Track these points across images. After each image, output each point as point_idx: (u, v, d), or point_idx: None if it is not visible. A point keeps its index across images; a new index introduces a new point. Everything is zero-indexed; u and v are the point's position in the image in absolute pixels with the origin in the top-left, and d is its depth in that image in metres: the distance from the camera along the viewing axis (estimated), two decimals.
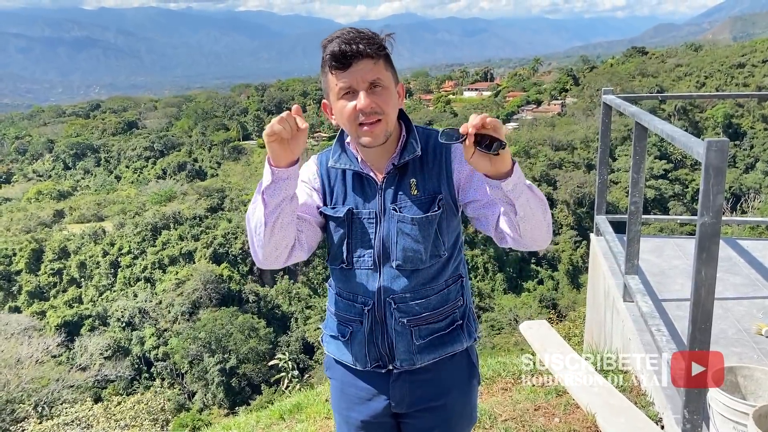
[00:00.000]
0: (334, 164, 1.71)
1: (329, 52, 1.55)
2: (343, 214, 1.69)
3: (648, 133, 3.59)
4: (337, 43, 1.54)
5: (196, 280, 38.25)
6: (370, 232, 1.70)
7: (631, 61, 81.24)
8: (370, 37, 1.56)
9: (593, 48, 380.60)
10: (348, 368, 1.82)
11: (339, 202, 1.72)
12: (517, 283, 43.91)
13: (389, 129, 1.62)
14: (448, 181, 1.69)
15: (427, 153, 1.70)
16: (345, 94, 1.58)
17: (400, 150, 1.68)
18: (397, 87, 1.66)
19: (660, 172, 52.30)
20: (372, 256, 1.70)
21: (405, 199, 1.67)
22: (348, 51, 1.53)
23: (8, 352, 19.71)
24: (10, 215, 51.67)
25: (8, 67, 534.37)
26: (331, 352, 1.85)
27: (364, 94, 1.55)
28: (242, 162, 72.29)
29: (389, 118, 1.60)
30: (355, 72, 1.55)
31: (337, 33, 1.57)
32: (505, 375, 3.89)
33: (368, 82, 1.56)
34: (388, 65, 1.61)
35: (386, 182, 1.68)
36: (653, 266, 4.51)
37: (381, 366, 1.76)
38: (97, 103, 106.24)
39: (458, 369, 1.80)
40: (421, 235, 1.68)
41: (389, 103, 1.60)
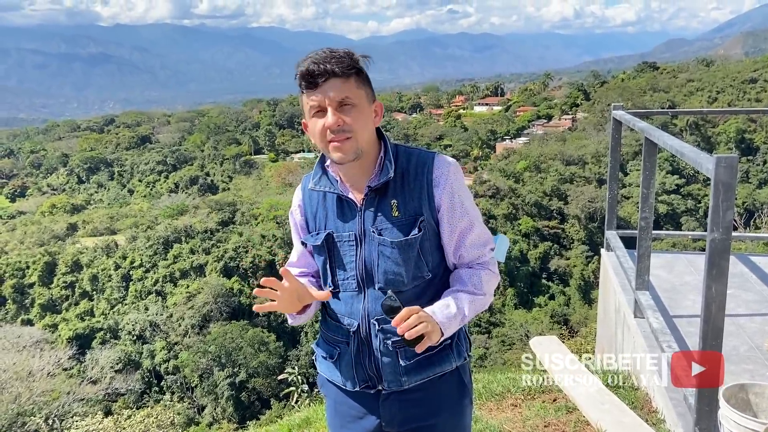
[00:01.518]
0: (313, 187, 1.74)
1: (299, 72, 1.59)
2: (321, 240, 1.73)
3: (659, 148, 3.59)
4: (307, 63, 1.57)
5: (207, 294, 38.32)
6: (350, 255, 1.70)
7: (642, 76, 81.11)
8: (341, 56, 1.58)
9: (604, 63, 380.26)
10: (339, 387, 1.83)
11: (321, 226, 1.75)
12: (527, 298, 43.61)
13: (360, 146, 1.62)
14: (429, 203, 1.68)
15: (409, 173, 1.69)
16: (316, 113, 1.61)
17: (378, 171, 1.69)
18: (373, 105, 1.67)
19: (672, 187, 51.97)
20: (355, 278, 1.71)
21: (385, 221, 1.67)
22: (316, 70, 1.56)
23: (20, 365, 19.78)
24: (24, 228, 52.16)
25: (25, 82, 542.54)
26: (322, 371, 1.87)
27: (331, 111, 1.58)
28: (254, 176, 72.70)
29: (359, 135, 1.61)
30: (323, 91, 1.57)
31: (311, 54, 1.59)
32: (515, 391, 3.86)
33: (336, 100, 1.58)
34: (360, 84, 1.62)
35: (366, 204, 1.68)
36: (664, 282, 4.48)
37: (370, 387, 1.76)
38: (111, 118, 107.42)
39: (448, 389, 1.78)
40: (401, 257, 1.67)
41: (358, 121, 1.60)
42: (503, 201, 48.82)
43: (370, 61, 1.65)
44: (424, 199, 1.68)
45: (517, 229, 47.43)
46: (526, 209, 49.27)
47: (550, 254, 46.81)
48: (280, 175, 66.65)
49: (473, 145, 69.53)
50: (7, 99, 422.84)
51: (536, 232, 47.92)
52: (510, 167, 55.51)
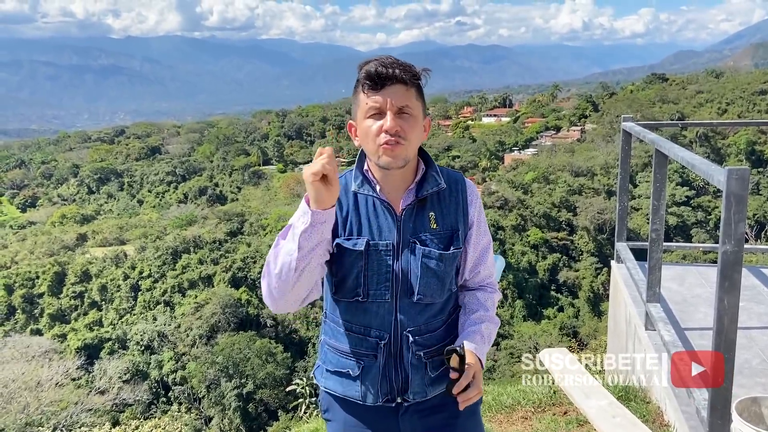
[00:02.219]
0: (357, 190, 1.68)
1: (365, 72, 1.58)
2: (363, 246, 1.65)
3: (669, 159, 3.58)
4: (374, 64, 1.58)
5: (215, 304, 38.37)
6: (387, 265, 1.66)
7: (651, 87, 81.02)
8: (407, 65, 1.60)
9: (613, 75, 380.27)
10: (352, 404, 1.76)
11: (353, 232, 1.67)
12: (536, 310, 43.37)
13: (409, 155, 1.63)
14: (464, 219, 1.73)
15: (444, 188, 1.72)
16: (373, 114, 1.60)
17: (420, 182, 1.69)
18: (424, 120, 1.68)
19: (682, 198, 51.71)
20: (389, 289, 1.67)
21: (425, 232, 1.68)
22: (383, 73, 1.57)
23: (29, 375, 19.83)
24: (34, 238, 52.54)
25: (37, 93, 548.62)
26: (332, 388, 1.78)
27: (391, 116, 1.58)
28: (262, 186, 72.98)
29: (411, 144, 1.62)
30: (386, 94, 1.58)
31: (376, 57, 1.60)
32: (525, 403, 3.84)
33: (397, 106, 1.58)
34: (419, 96, 1.64)
35: (405, 214, 1.67)
36: (675, 294, 4.45)
37: (390, 400, 1.73)
38: (121, 129, 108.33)
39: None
40: (444, 270, 1.69)
41: (413, 131, 1.61)
42: (512, 212, 48.72)
43: (428, 75, 1.66)
44: (461, 215, 1.72)
45: (525, 241, 47.27)
46: (534, 220, 49.12)
47: (558, 266, 46.59)
48: (288, 186, 66.87)
49: (481, 156, 69.53)
50: (19, 110, 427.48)
51: (545, 243, 47.73)
52: (518, 178, 55.44)
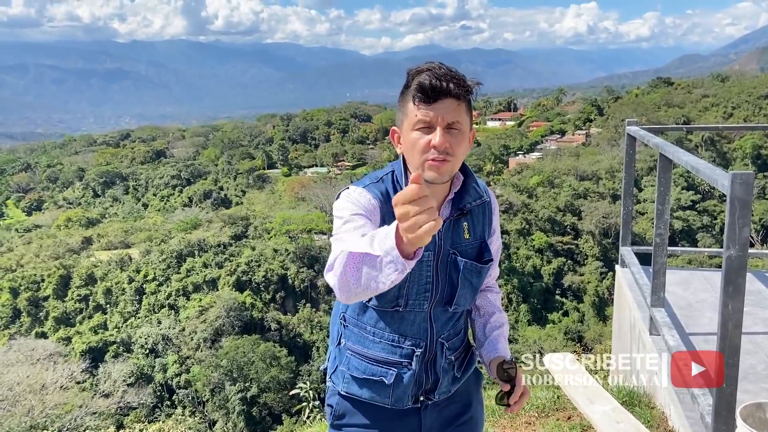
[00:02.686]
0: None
1: (417, 83, 1.54)
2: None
3: (674, 164, 3.57)
4: (427, 75, 1.53)
5: (219, 308, 38.42)
6: (427, 275, 1.66)
7: (656, 91, 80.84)
8: (460, 77, 1.56)
9: (618, 78, 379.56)
10: (377, 408, 1.75)
11: None
12: (541, 314, 43.27)
13: (454, 170, 1.61)
14: (489, 228, 1.77)
15: (488, 201, 1.78)
16: (422, 128, 1.57)
17: (459, 192, 1.69)
18: (470, 133, 1.65)
19: (688, 203, 51.55)
20: (428, 299, 1.68)
21: (461, 242, 1.69)
22: (437, 86, 1.53)
23: (34, 378, 19.89)
24: (39, 242, 52.71)
25: (43, 97, 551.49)
26: (356, 393, 1.75)
27: (441, 132, 1.54)
28: (267, 190, 73.08)
29: (457, 160, 1.60)
30: (438, 108, 1.54)
31: (427, 65, 1.56)
32: (528, 409, 3.83)
33: (447, 122, 1.55)
34: (468, 110, 1.61)
35: (445, 225, 1.67)
36: (680, 299, 4.44)
37: (416, 401, 1.76)
38: (127, 133, 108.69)
39: (471, 381, 1.89)
40: (479, 280, 1.73)
41: (461, 147, 1.59)
42: (516, 216, 48.66)
43: (479, 88, 1.62)
44: (487, 224, 1.76)
45: (530, 245, 47.20)
46: (539, 224, 49.04)
47: (563, 270, 46.49)
48: (292, 190, 66.96)
49: (486, 160, 69.48)
50: (25, 114, 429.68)
51: (550, 247, 47.65)
52: (523, 182, 55.38)
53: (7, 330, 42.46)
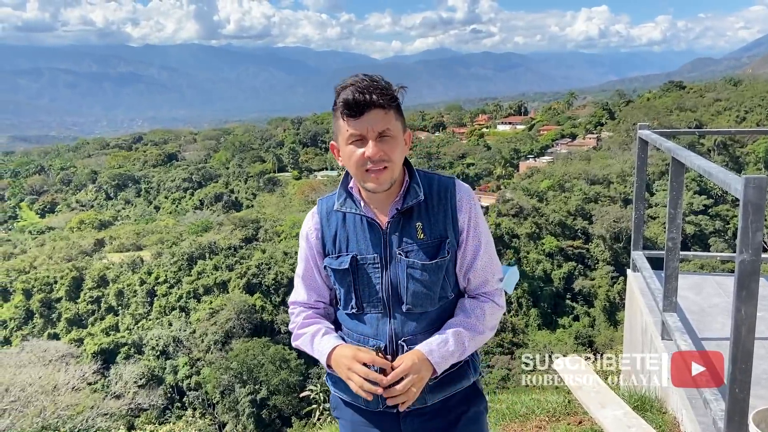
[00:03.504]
0: (340, 208, 1.75)
1: (342, 99, 1.61)
2: (348, 264, 1.72)
3: (686, 168, 3.55)
4: (351, 90, 1.59)
5: (230, 310, 38.54)
6: (376, 278, 1.72)
7: (668, 95, 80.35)
8: (384, 87, 1.61)
9: (629, 82, 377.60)
10: (357, 409, 1.82)
11: (342, 248, 1.75)
12: (551, 318, 43.04)
13: (394, 176, 1.67)
14: (454, 226, 1.73)
15: (432, 197, 1.74)
16: (355, 141, 1.63)
17: (403, 194, 1.72)
18: (404, 135, 1.70)
19: (700, 207, 51.12)
20: (381, 301, 1.72)
21: (411, 243, 1.71)
22: (361, 100, 1.59)
23: (46, 379, 20.00)
24: (53, 244, 53.14)
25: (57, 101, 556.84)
26: (339, 392, 1.85)
27: (372, 143, 1.61)
28: (277, 193, 73.30)
29: (395, 166, 1.66)
30: (366, 121, 1.60)
31: (351, 80, 1.62)
32: (539, 413, 3.82)
33: (377, 132, 1.61)
34: (398, 115, 1.67)
35: (390, 227, 1.72)
36: (692, 304, 4.41)
37: (391, 406, 1.75)
38: (139, 136, 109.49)
39: (465, 400, 1.82)
40: (430, 279, 1.71)
41: (395, 152, 1.65)
42: (527, 220, 48.48)
43: (403, 93, 1.67)
44: (449, 222, 1.73)
45: (540, 249, 46.99)
46: (549, 228, 48.84)
47: (574, 274, 46.23)
48: (303, 193, 67.12)
49: (496, 164, 69.35)
50: (39, 117, 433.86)
51: (560, 251, 47.41)
52: (533, 186, 55.19)
53: (20, 331, 42.81)
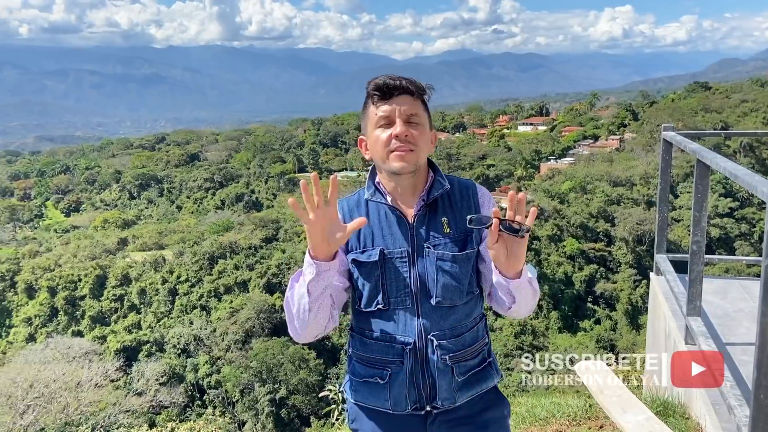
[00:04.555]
0: (370, 197, 1.76)
1: (373, 84, 1.68)
2: (377, 257, 1.72)
3: (711, 170, 3.50)
4: (382, 78, 1.68)
5: (250, 310, 38.81)
6: (404, 272, 1.72)
7: (693, 96, 79.19)
8: (413, 79, 1.70)
9: (653, 83, 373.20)
10: (381, 415, 1.79)
11: (368, 243, 1.74)
12: (572, 322, 42.66)
13: (420, 161, 1.70)
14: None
15: (454, 193, 1.77)
16: (383, 124, 1.68)
17: (428, 188, 1.75)
18: (430, 133, 1.74)
19: (725, 210, 50.30)
20: (409, 294, 1.72)
21: (438, 237, 1.72)
22: (391, 84, 1.66)
23: (69, 375, 20.29)
24: (77, 242, 53.96)
25: (82, 101, 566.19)
26: (361, 400, 1.81)
27: (400, 122, 1.66)
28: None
29: (421, 151, 1.69)
30: (395, 103, 1.67)
31: (383, 74, 1.70)
32: (559, 416, 3.79)
33: (406, 114, 1.67)
34: (425, 109, 1.73)
35: (417, 220, 1.73)
36: (717, 308, 4.34)
37: (419, 408, 1.75)
38: (162, 136, 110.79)
39: (490, 404, 1.82)
40: (461, 271, 1.72)
41: (422, 138, 1.69)
42: (547, 222, 48.12)
43: (431, 91, 1.74)
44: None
45: (561, 251, 46.61)
46: (571, 231, 48.41)
47: (596, 277, 45.77)
48: None
49: (517, 165, 68.89)
50: (65, 117, 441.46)
51: (581, 254, 46.97)
52: (554, 188, 54.76)
53: (44, 328, 43.58)
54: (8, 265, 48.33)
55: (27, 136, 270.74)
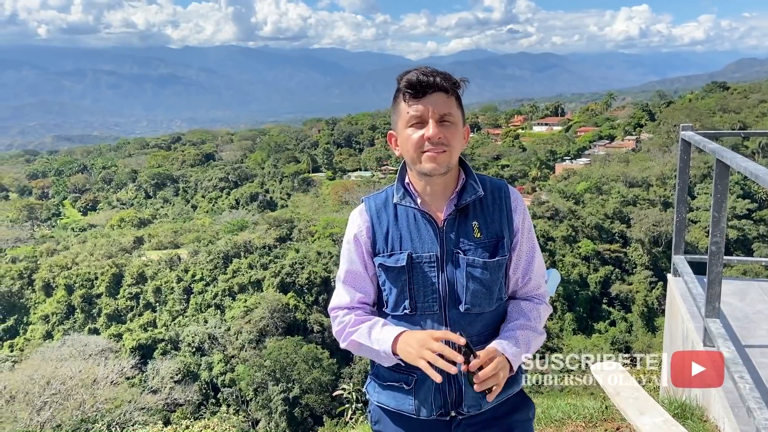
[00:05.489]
0: (399, 201, 1.71)
1: (406, 80, 1.61)
2: (405, 261, 1.67)
3: (730, 170, 3.46)
4: (414, 73, 1.60)
5: (264, 309, 38.98)
6: (432, 277, 1.67)
7: (711, 96, 78.31)
8: (447, 74, 1.62)
9: (671, 83, 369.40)
10: (405, 419, 1.75)
11: (396, 247, 1.69)
12: (587, 323, 42.38)
13: (452, 162, 1.65)
14: (509, 226, 1.72)
15: (486, 196, 1.72)
16: (414, 123, 1.62)
17: (460, 191, 1.70)
18: (463, 128, 1.69)
19: (743, 211, 49.71)
20: (437, 300, 1.68)
21: (468, 242, 1.67)
22: (424, 81, 1.58)
23: (85, 373, 20.46)
24: (94, 241, 54.49)
25: (99, 101, 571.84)
26: (385, 402, 1.78)
27: (434, 124, 1.59)
28: (311, 193, 73.90)
29: (454, 151, 1.63)
30: (428, 102, 1.60)
31: (415, 67, 1.62)
32: (575, 418, 3.76)
33: (439, 114, 1.60)
34: (459, 104, 1.66)
35: (447, 225, 1.68)
36: (736, 310, 4.29)
37: (444, 413, 1.71)
38: (178, 136, 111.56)
39: (515, 407, 1.78)
40: (491, 278, 1.68)
41: (455, 138, 1.63)
42: (562, 223, 47.84)
43: (466, 85, 1.68)
44: (505, 222, 1.71)
45: (576, 252, 46.32)
46: (586, 231, 48.08)
47: (611, 279, 45.43)
48: (336, 193, 67.54)
49: (532, 166, 68.55)
50: (82, 117, 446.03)
51: (597, 255, 46.65)
52: (570, 188, 54.43)
53: (61, 326, 44.05)
54: (26, 263, 48.92)
55: (45, 135, 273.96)
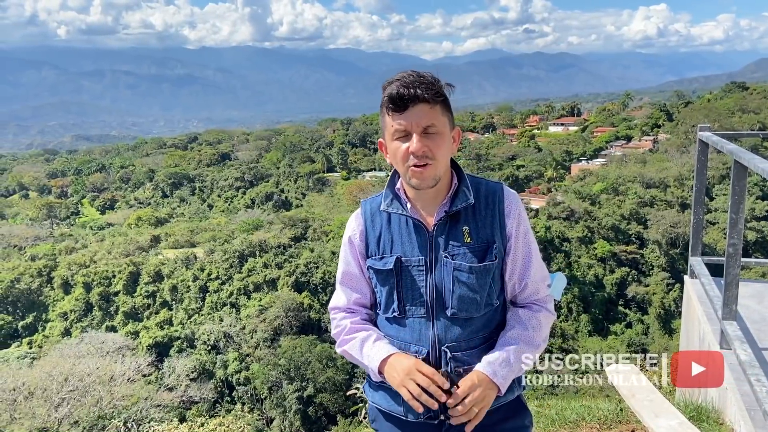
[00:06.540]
0: (386, 208, 1.73)
1: (387, 94, 1.61)
2: (392, 264, 1.69)
3: (749, 171, 3.42)
4: (396, 86, 1.59)
5: (278, 308, 39.15)
6: (420, 281, 1.68)
7: (730, 96, 77.29)
8: (430, 82, 1.60)
9: (689, 83, 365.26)
10: (397, 420, 1.77)
11: (386, 250, 1.72)
12: (603, 325, 42.03)
13: (438, 174, 1.64)
14: (501, 231, 1.70)
15: (479, 201, 1.71)
16: (400, 136, 1.62)
17: (451, 197, 1.69)
18: (452, 132, 1.68)
19: (762, 213, 49.01)
20: (424, 304, 1.69)
21: (457, 246, 1.67)
22: (405, 94, 1.58)
23: (103, 370, 20.69)
24: (112, 239, 55.08)
25: (118, 101, 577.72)
26: (378, 402, 1.80)
27: (417, 138, 1.60)
28: (326, 193, 74.07)
29: (439, 163, 1.63)
30: (410, 116, 1.59)
31: (398, 75, 1.61)
32: (590, 420, 3.74)
33: (422, 126, 1.60)
34: (444, 111, 1.64)
35: (437, 229, 1.69)
36: (753, 313, 4.24)
37: (433, 417, 1.71)
38: (194, 136, 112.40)
39: (509, 415, 1.77)
40: (477, 283, 1.67)
41: (440, 149, 1.63)
42: (578, 224, 47.50)
43: (451, 90, 1.67)
44: (497, 227, 1.70)
45: (592, 253, 45.97)
46: (602, 233, 47.70)
47: (627, 280, 45.02)
48: (351, 193, 67.58)
49: (547, 166, 68.14)
50: (101, 117, 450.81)
51: (613, 256, 46.25)
52: (586, 189, 54.01)
53: (79, 323, 44.57)
54: (45, 260, 49.56)
55: (64, 135, 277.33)
